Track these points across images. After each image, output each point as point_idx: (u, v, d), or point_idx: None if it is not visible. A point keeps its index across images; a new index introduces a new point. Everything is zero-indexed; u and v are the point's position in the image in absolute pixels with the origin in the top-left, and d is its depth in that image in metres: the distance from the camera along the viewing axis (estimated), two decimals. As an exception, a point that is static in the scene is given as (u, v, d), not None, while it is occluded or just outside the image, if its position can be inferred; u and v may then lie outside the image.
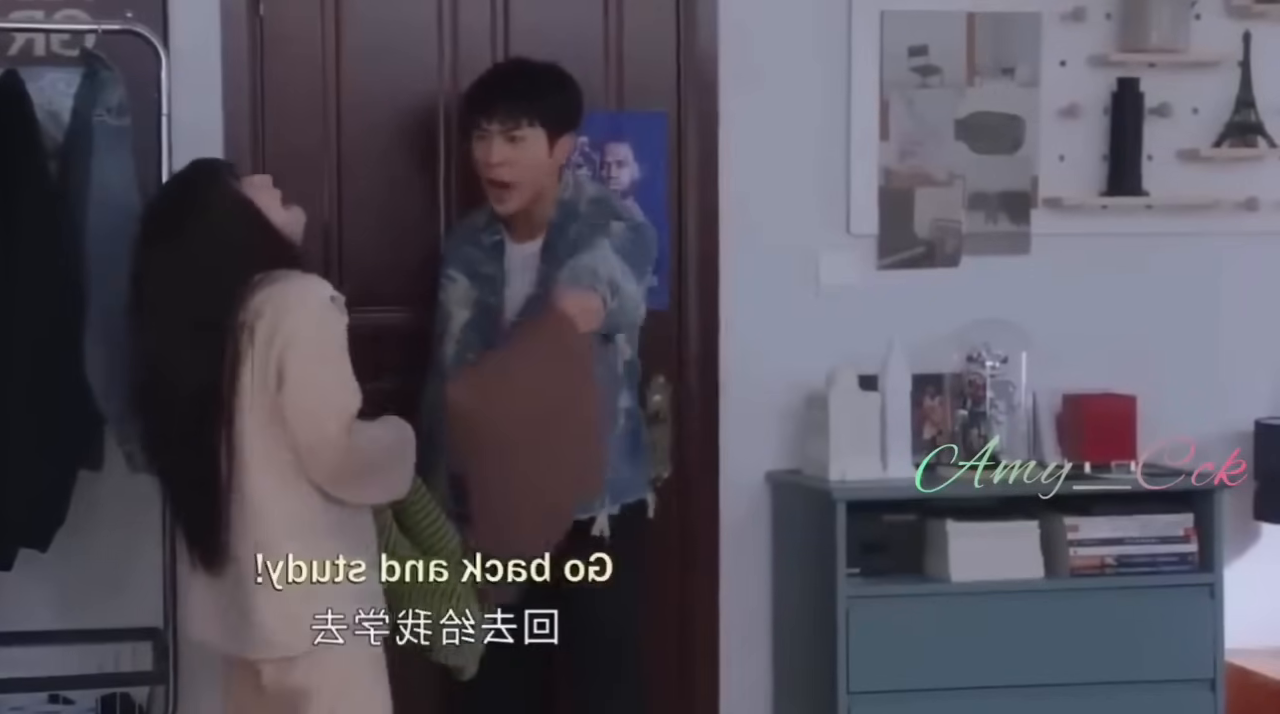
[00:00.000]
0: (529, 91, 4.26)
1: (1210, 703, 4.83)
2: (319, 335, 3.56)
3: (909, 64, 5.04)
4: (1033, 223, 5.12)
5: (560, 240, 4.24)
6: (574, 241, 4.19)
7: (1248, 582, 5.06)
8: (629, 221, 4.25)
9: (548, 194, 4.29)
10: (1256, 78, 5.18)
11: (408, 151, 4.77)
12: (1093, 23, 5.13)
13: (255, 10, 4.69)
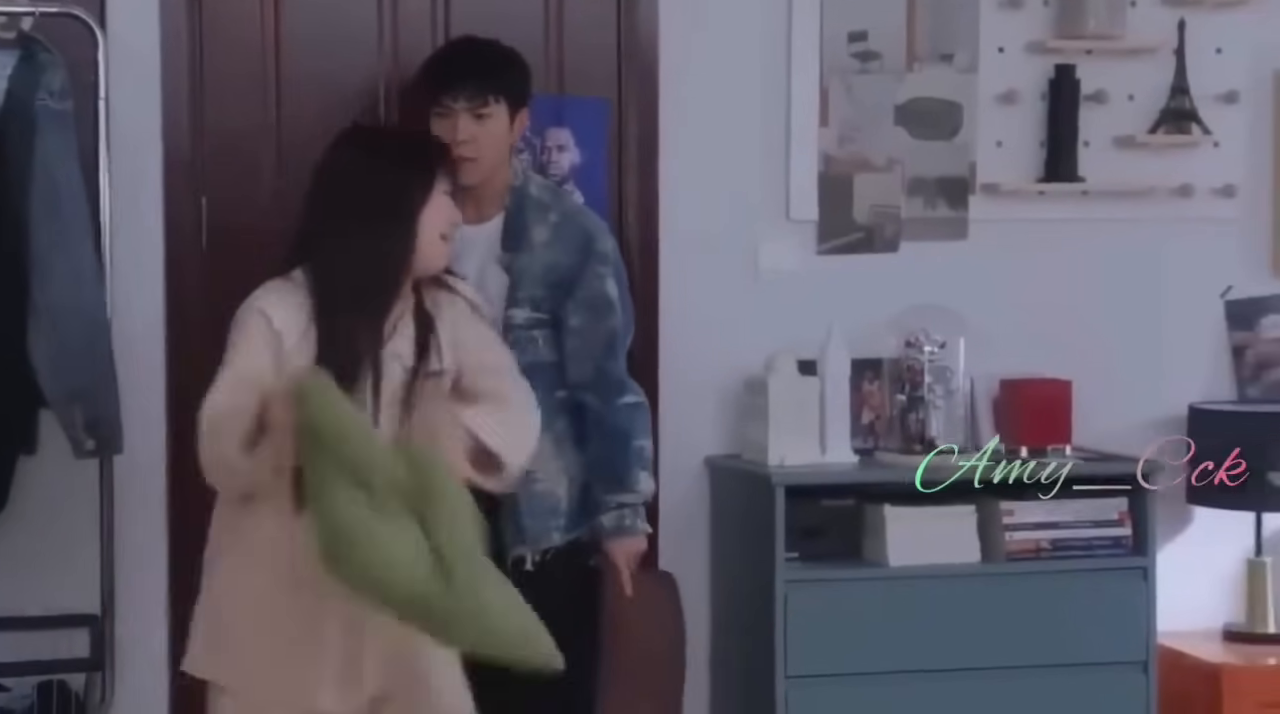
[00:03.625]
0: (493, 68, 4.18)
1: (1143, 685, 4.76)
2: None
3: (849, 50, 4.94)
4: (970, 208, 5.03)
5: (520, 228, 4.16)
6: (569, 267, 4.17)
7: (1180, 565, 5.00)
8: (602, 231, 4.24)
9: (502, 171, 4.20)
10: (1191, 65, 5.10)
11: (348, 137, 4.65)
12: (1030, 10, 5.03)
13: (194, -7, 4.59)
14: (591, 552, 4.24)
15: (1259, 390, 5.22)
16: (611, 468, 4.16)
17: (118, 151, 4.42)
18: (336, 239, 3.51)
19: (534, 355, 4.11)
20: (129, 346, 4.42)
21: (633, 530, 4.19)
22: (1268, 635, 5.03)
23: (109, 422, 4.22)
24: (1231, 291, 5.21)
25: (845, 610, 4.62)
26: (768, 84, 4.91)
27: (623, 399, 4.20)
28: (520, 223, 4.18)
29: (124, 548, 4.45)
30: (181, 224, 4.58)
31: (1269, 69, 5.19)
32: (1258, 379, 5.23)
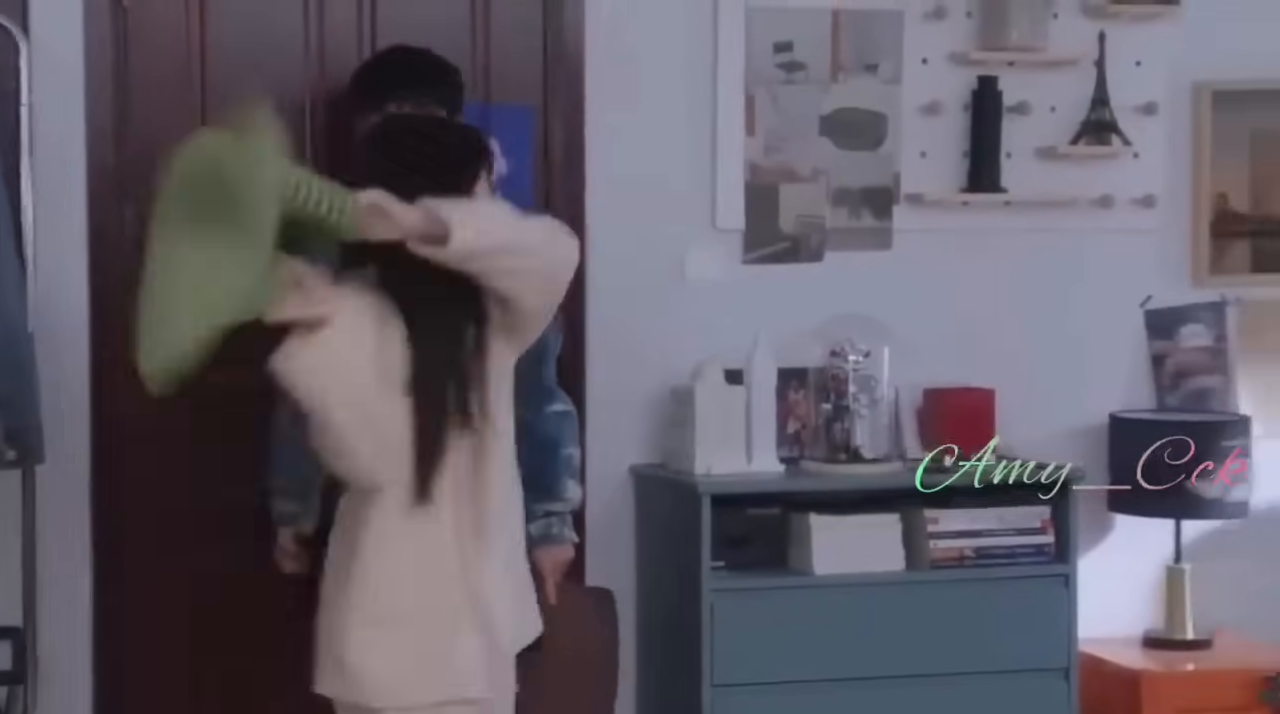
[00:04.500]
0: (436, 75, 4.18)
1: (1064, 692, 4.76)
2: None
3: (774, 60, 4.92)
4: (895, 218, 5.02)
5: None
6: None
7: (1101, 572, 5.01)
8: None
9: None
10: (1111, 77, 5.11)
11: (274, 145, 4.60)
12: (954, 21, 5.03)
13: (118, 1, 4.49)
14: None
15: (1177, 399, 5.23)
16: (539, 476, 4.12)
17: (41, 159, 4.36)
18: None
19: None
20: (52, 355, 4.36)
21: (560, 539, 4.17)
22: (1186, 642, 5.04)
23: (31, 431, 4.16)
24: (1151, 301, 5.22)
25: (771, 619, 4.60)
26: (694, 93, 4.89)
27: (551, 407, 4.17)
28: None
29: (47, 559, 4.38)
30: (106, 232, 4.52)
31: (1187, 81, 5.21)
32: (1177, 388, 5.24)
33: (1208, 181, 5.24)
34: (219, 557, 4.56)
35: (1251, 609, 5.20)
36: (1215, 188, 5.25)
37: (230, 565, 4.54)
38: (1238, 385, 5.27)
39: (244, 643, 4.59)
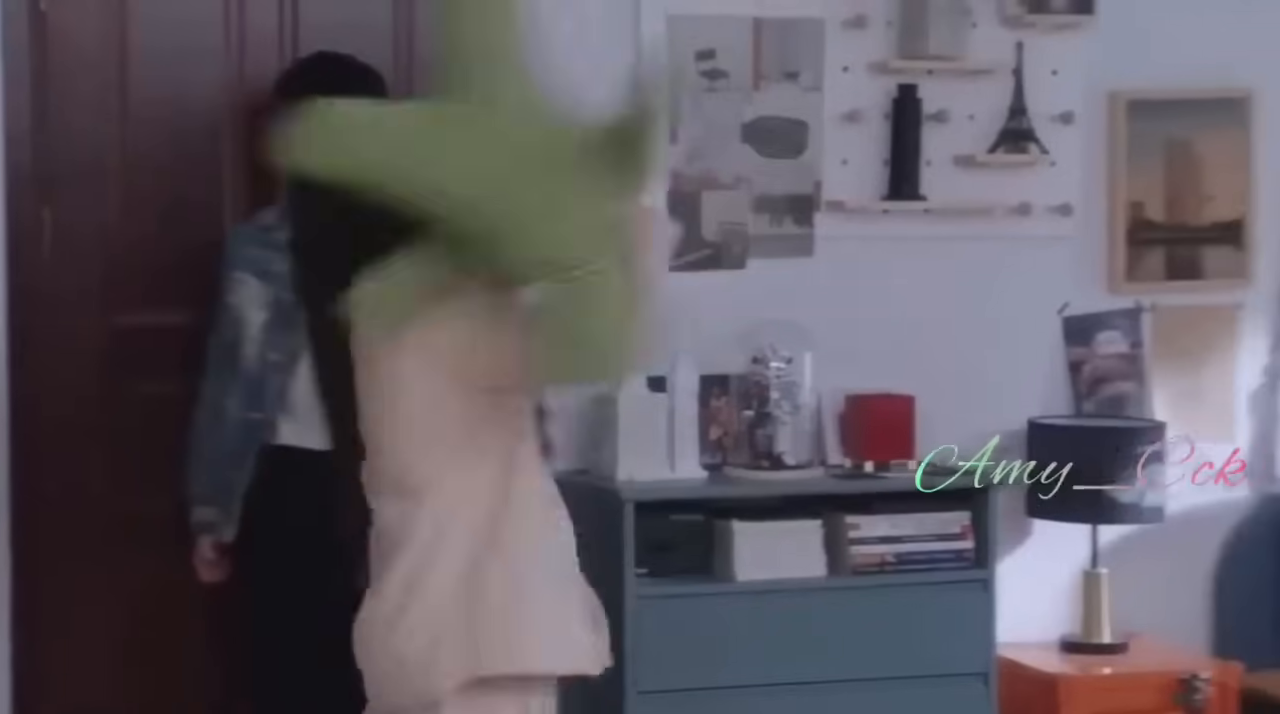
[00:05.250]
0: (363, 82, 4.15)
1: (984, 696, 4.76)
2: None
3: (696, 68, 4.90)
4: (816, 226, 5.01)
5: None
6: None
7: (1020, 577, 5.02)
8: None
9: None
10: (1028, 86, 5.11)
11: (194, 150, 4.54)
12: (874, 30, 5.02)
13: (36, 4, 4.43)
14: None
15: (1094, 405, 5.25)
16: None
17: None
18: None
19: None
20: (-31, 362, 4.28)
21: None
22: (1103, 646, 5.05)
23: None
24: (1068, 308, 5.23)
25: (694, 625, 4.58)
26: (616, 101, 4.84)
27: None
28: None
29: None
30: (25, 236, 4.45)
31: (1103, 90, 5.23)
32: (1094, 394, 5.26)
33: (1123, 190, 5.26)
34: (139, 565, 4.49)
35: (1167, 613, 5.22)
36: (1130, 196, 5.27)
37: (150, 573, 4.47)
38: (1153, 391, 5.29)
39: (164, 652, 4.52)
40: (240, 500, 4.19)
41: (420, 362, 2.98)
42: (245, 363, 4.18)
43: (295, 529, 4.10)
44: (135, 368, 4.50)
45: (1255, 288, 5.39)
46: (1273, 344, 5.42)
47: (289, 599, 4.14)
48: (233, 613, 4.33)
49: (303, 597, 4.12)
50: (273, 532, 4.15)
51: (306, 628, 4.12)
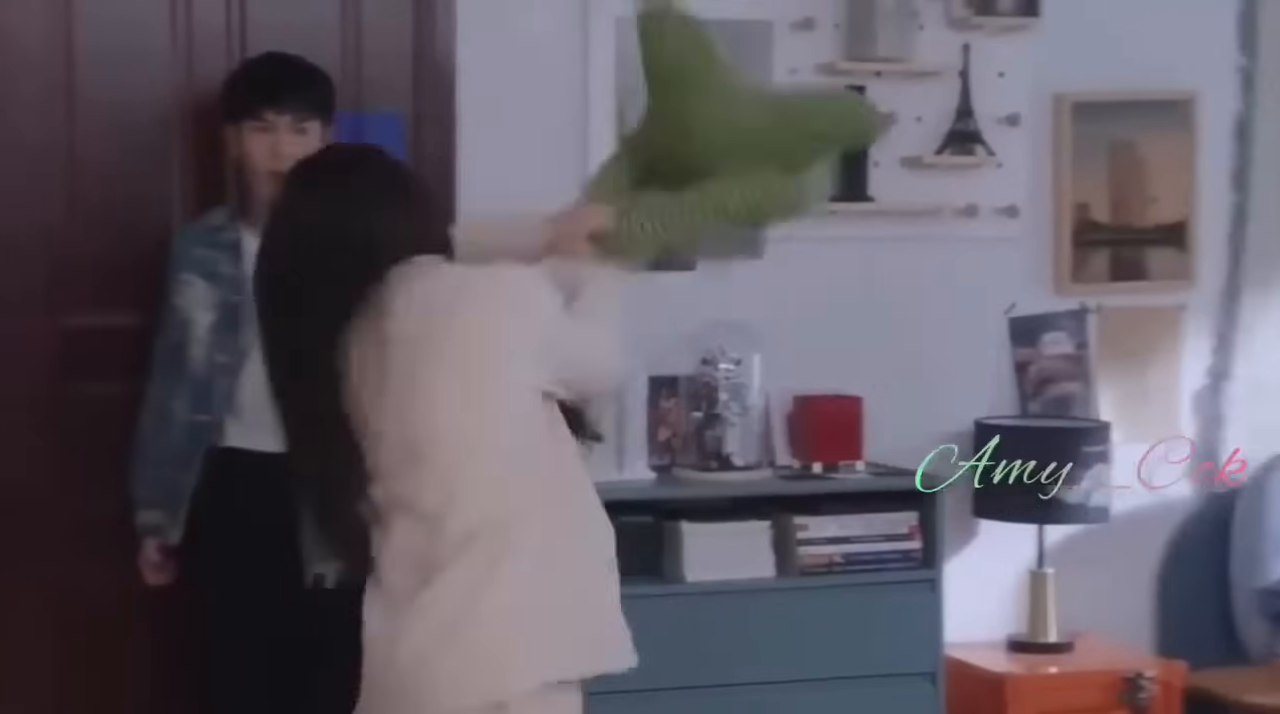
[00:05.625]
0: (313, 84, 4.14)
1: (931, 695, 4.76)
2: None
3: (645, 70, 4.89)
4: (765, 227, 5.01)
5: None
6: None
7: (967, 577, 5.02)
8: None
9: None
10: (975, 88, 5.12)
11: (141, 150, 4.49)
12: (822, 32, 5.01)
13: (-21, 4, 4.40)
14: None
15: (1040, 405, 5.26)
16: None
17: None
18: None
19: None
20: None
21: None
22: (1049, 645, 5.06)
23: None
24: (1014, 309, 5.24)
25: (643, 626, 4.48)
26: (565, 102, 4.84)
27: None
28: None
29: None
30: (-29, 236, 4.41)
31: (1049, 92, 5.24)
32: (1039, 394, 5.27)
33: (1069, 191, 5.28)
34: (85, 567, 4.45)
35: (1112, 612, 5.25)
36: (1076, 198, 5.29)
37: (96, 576, 4.43)
38: (1098, 392, 5.31)
39: (109, 655, 4.48)
40: (187, 503, 4.15)
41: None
42: (192, 365, 4.14)
43: (243, 531, 4.07)
44: (83, 369, 4.46)
45: (1198, 289, 5.42)
46: (1216, 345, 5.45)
47: (237, 601, 4.10)
48: (179, 616, 4.29)
49: (251, 599, 4.09)
50: (220, 534, 4.12)
51: (255, 630, 4.10)
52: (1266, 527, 5.31)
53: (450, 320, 2.97)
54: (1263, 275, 5.45)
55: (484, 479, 3.00)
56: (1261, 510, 5.33)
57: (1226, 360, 5.44)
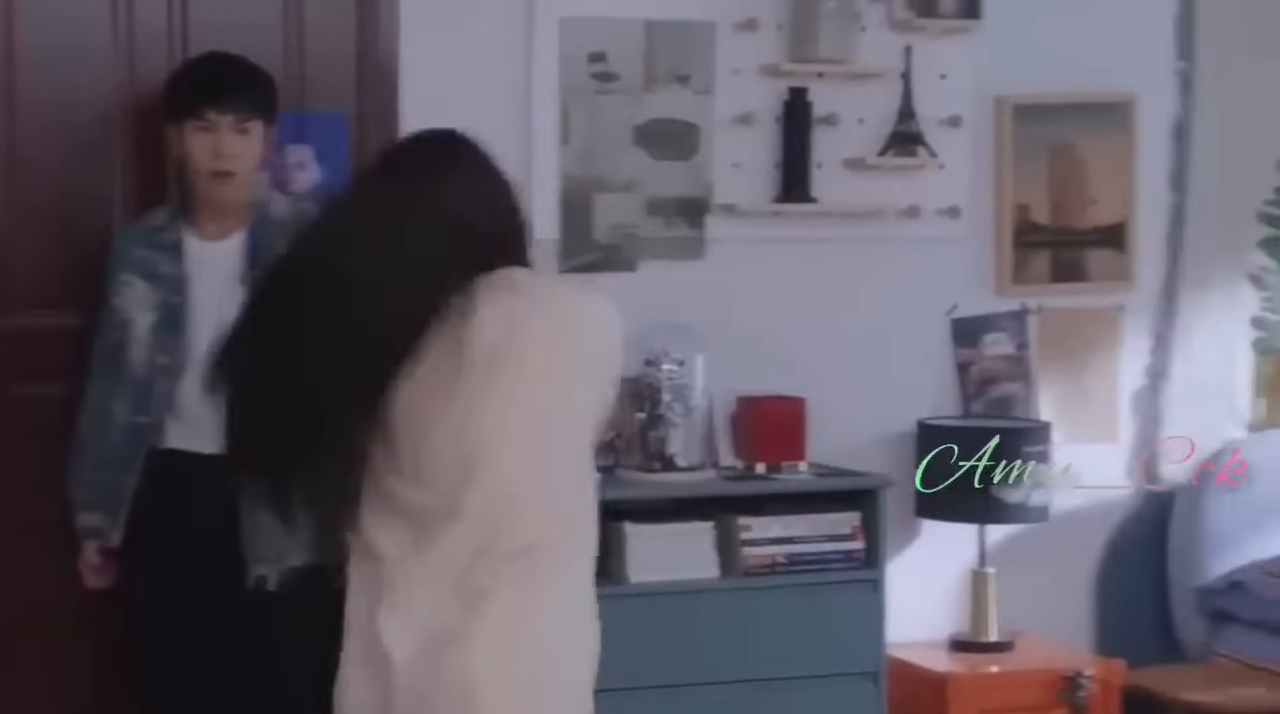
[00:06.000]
0: (255, 84, 4.11)
1: (873, 695, 4.76)
2: None
3: (588, 70, 4.86)
4: (708, 228, 4.98)
5: (264, 247, 4.01)
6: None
7: (909, 576, 5.02)
8: None
9: (251, 189, 4.09)
10: (917, 90, 5.12)
11: (82, 150, 4.44)
12: (765, 33, 5.00)
13: (-83, 3, 4.34)
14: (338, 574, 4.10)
15: (982, 406, 5.26)
16: None
17: None
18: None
19: (273, 375, 3.98)
20: None
21: None
22: (990, 644, 5.07)
23: None
24: (956, 310, 5.24)
25: (587, 627, 4.53)
26: (509, 102, 4.81)
27: None
28: (264, 242, 4.04)
29: None
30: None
31: (990, 94, 5.24)
32: (981, 395, 5.27)
33: (1010, 193, 5.28)
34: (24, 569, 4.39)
35: (1052, 612, 5.26)
36: (1017, 199, 5.29)
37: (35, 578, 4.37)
38: (1039, 392, 5.32)
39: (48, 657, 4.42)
40: (127, 505, 4.11)
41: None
42: (132, 366, 4.10)
43: (183, 533, 4.04)
44: (22, 370, 4.40)
45: (1137, 290, 5.43)
46: (1154, 345, 5.47)
47: (177, 604, 4.07)
48: (119, 619, 4.24)
49: (192, 601, 4.05)
50: (160, 536, 4.08)
51: (195, 633, 4.07)
52: (1204, 526, 5.33)
53: (532, 340, 2.90)
54: (1200, 276, 5.47)
55: (540, 502, 2.92)
56: (1199, 510, 5.35)
57: (1164, 360, 5.46)
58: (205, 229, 4.12)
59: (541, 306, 2.95)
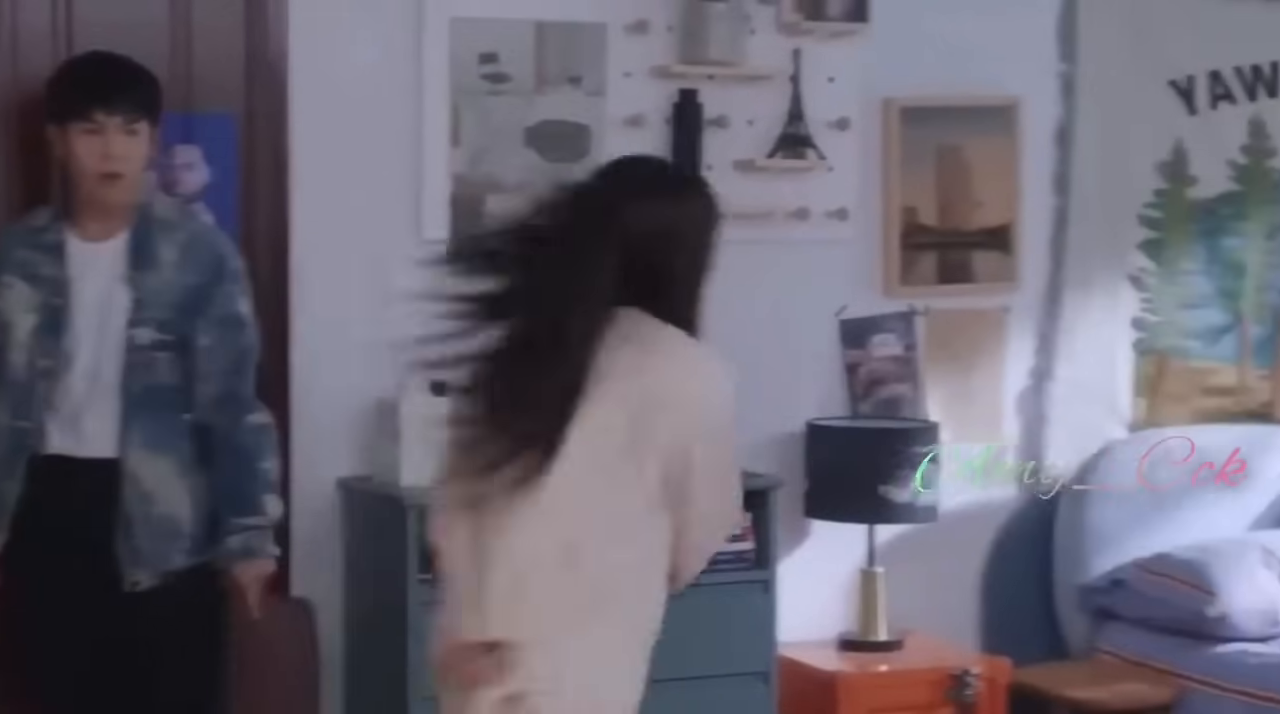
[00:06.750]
0: (141, 84, 4.01)
1: (764, 695, 4.75)
2: None
3: (479, 71, 4.80)
4: (599, 230, 4.95)
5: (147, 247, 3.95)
6: (199, 287, 3.98)
7: (800, 577, 5.00)
8: (233, 251, 4.08)
9: (138, 191, 4.00)
10: (806, 92, 5.10)
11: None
12: (655, 35, 4.97)
13: None
14: (220, 575, 4.03)
15: (870, 407, 5.25)
16: (237, 490, 3.98)
17: None
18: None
19: (156, 378, 3.93)
20: None
21: (259, 553, 4.01)
22: (879, 643, 5.06)
23: None
24: (845, 311, 5.23)
25: (479, 631, 4.48)
26: (400, 103, 4.75)
27: (250, 419, 4.01)
28: (147, 242, 3.97)
29: None
30: None
31: (877, 97, 5.24)
32: (870, 396, 5.26)
33: (897, 195, 5.27)
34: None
35: (940, 611, 5.26)
36: (904, 201, 5.29)
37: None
38: (926, 393, 5.31)
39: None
40: (10, 510, 4.00)
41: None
42: (12, 370, 4.00)
43: (68, 538, 3.95)
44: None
45: (1021, 291, 5.45)
46: (1038, 346, 5.49)
47: (58, 608, 3.98)
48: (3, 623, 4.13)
49: (75, 605, 3.96)
50: (44, 541, 3.98)
51: (76, 637, 3.97)
52: (1088, 524, 5.36)
53: (662, 417, 2.95)
54: (1082, 277, 5.49)
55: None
56: (1083, 508, 5.37)
57: (1048, 361, 5.48)
58: (87, 230, 4.02)
59: (680, 385, 3.06)
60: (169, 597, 3.96)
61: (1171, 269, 5.60)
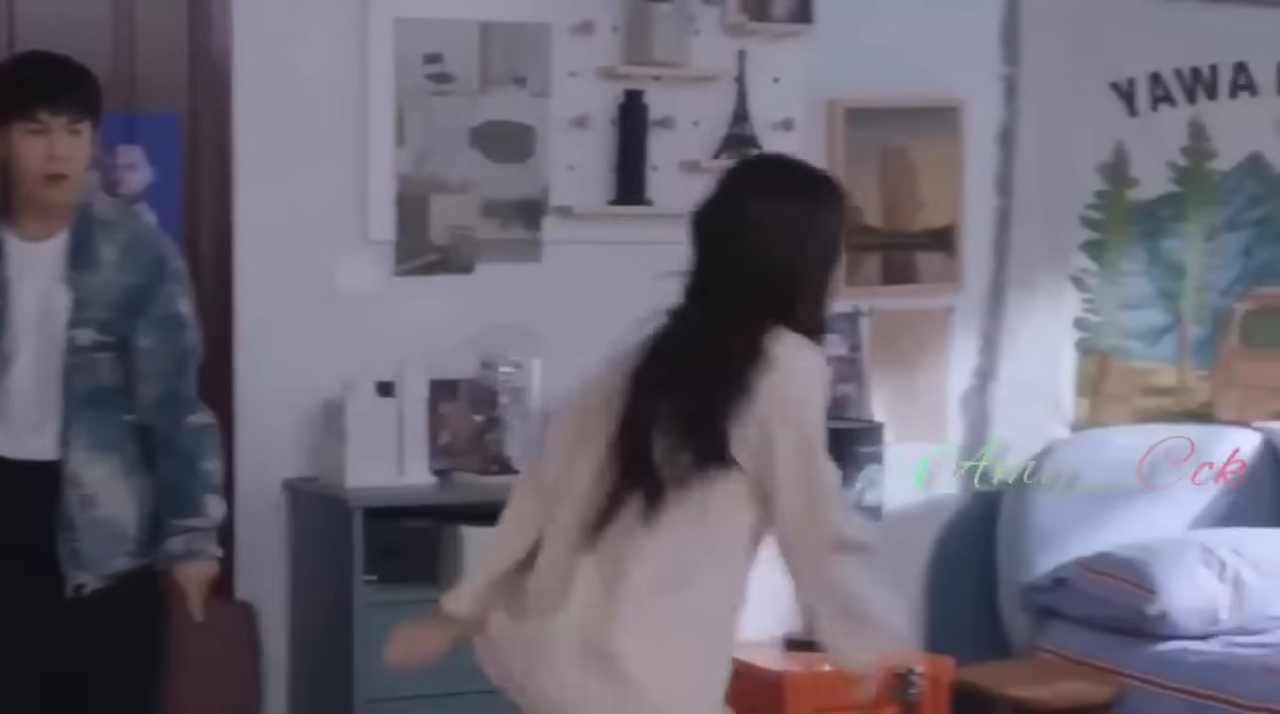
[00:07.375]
0: (83, 83, 3.92)
1: (710, 694, 4.72)
2: None
3: (424, 71, 4.77)
4: (544, 230, 4.91)
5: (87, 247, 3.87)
6: (141, 287, 3.89)
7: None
8: (174, 251, 3.99)
9: (81, 191, 3.93)
10: (751, 93, 5.09)
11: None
12: (600, 35, 4.94)
13: None
14: (161, 577, 3.98)
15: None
16: (179, 491, 3.92)
17: None
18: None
19: (97, 379, 3.86)
20: None
21: (202, 555, 3.95)
22: (824, 643, 5.04)
23: None
24: (790, 312, 5.20)
25: (424, 632, 4.44)
26: (344, 103, 4.71)
27: (192, 420, 3.95)
28: (87, 242, 3.90)
29: None
30: None
31: (822, 98, 5.23)
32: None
33: (842, 196, 5.25)
34: None
35: (884, 609, 5.23)
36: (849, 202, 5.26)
37: None
38: (871, 393, 5.30)
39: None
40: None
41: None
42: None
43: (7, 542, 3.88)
44: None
45: (965, 292, 5.44)
46: (982, 346, 5.48)
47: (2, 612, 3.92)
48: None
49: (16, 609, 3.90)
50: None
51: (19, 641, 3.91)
52: (1030, 523, 5.35)
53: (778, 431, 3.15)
54: (1025, 278, 5.49)
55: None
56: (1025, 508, 5.37)
57: (992, 361, 5.48)
58: (26, 229, 3.95)
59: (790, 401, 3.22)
60: (110, 599, 3.90)
61: (1113, 270, 5.61)
